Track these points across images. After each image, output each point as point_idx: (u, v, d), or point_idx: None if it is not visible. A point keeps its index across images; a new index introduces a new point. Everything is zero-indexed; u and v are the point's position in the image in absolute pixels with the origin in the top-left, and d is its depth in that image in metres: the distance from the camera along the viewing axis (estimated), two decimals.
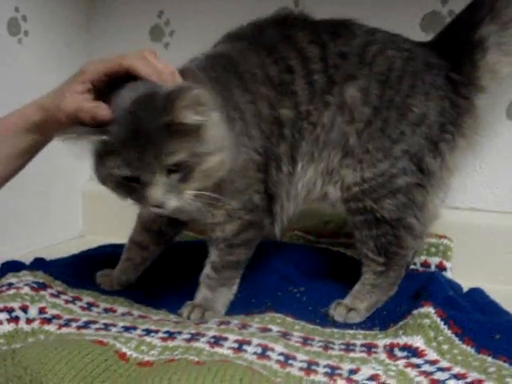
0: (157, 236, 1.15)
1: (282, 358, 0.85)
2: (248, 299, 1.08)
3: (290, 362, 0.85)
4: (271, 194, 1.05)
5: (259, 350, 0.86)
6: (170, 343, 0.88)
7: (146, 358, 0.83)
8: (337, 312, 1.03)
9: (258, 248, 1.07)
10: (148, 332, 0.92)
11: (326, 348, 0.91)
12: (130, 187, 0.90)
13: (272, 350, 0.87)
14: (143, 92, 0.88)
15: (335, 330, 0.99)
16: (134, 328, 0.94)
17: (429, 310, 0.93)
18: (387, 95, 1.03)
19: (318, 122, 1.04)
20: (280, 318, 0.99)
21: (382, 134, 1.03)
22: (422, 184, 1.04)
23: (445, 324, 0.91)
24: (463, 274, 1.19)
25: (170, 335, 0.91)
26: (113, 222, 1.45)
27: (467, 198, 1.28)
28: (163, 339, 0.90)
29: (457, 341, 0.89)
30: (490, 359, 0.83)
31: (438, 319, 0.92)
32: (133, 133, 0.86)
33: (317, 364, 0.86)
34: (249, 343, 0.87)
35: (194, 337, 0.89)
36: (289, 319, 0.99)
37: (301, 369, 0.84)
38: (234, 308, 1.05)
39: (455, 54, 1.06)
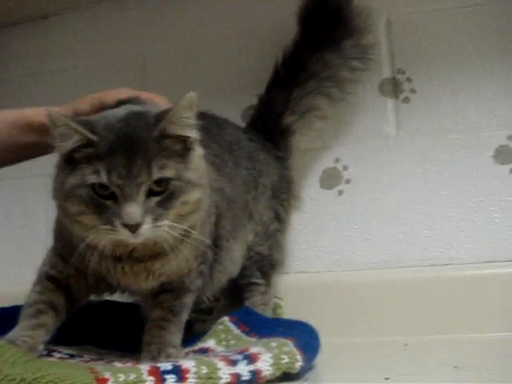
0: (71, 298, 0.96)
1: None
2: None
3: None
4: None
5: None
6: None
7: None
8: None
9: None
10: None
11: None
12: (100, 204, 0.81)
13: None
14: (136, 109, 0.89)
15: None
16: None
17: (224, 318, 0.99)
18: (257, 166, 1.22)
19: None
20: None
21: (264, 196, 1.22)
22: (280, 229, 1.26)
23: (235, 325, 0.97)
24: None
25: None
26: None
27: (295, 263, 1.35)
28: None
29: (244, 336, 0.94)
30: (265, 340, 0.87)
31: (230, 323, 0.97)
32: (123, 139, 0.82)
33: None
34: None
35: None
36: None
37: None
38: None
39: (273, 137, 1.30)
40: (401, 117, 1.35)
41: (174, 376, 0.73)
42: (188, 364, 0.75)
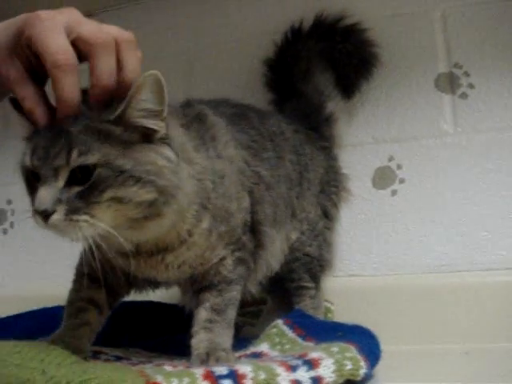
0: (110, 292, 0.92)
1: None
2: None
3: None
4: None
5: None
6: None
7: None
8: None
9: None
10: None
11: None
12: (33, 188, 0.74)
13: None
14: None
15: None
16: None
17: (277, 321, 0.94)
18: (302, 160, 1.16)
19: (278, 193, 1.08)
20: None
21: (310, 192, 1.16)
22: (328, 227, 1.20)
23: (290, 329, 0.91)
24: None
25: None
26: None
27: (345, 266, 1.29)
28: None
29: (299, 340, 0.89)
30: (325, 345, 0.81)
31: (284, 326, 0.92)
32: (57, 122, 0.73)
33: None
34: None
35: None
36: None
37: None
38: None
39: (316, 126, 1.26)
40: (458, 113, 1.28)
41: (230, 381, 0.67)
42: (245, 369, 0.69)
